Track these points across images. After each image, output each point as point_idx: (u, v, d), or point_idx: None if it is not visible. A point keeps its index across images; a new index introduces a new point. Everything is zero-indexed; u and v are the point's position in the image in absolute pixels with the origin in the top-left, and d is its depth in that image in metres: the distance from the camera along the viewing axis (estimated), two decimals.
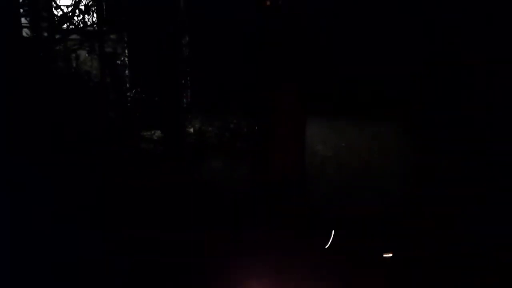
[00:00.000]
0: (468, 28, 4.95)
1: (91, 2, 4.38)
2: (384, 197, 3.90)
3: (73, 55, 4.73)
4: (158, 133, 4.89)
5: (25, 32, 4.30)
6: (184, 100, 5.39)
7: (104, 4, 4.64)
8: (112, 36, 4.99)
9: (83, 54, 4.97)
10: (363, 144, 5.33)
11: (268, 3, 3.18)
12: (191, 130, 5.09)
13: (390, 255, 2.99)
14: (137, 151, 4.31)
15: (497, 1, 4.76)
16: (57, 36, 4.34)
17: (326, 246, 3.08)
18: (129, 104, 4.99)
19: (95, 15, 4.54)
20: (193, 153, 4.54)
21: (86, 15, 4.31)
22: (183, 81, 4.92)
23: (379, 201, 3.77)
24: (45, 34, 4.20)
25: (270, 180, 3.37)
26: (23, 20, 4.19)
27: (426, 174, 4.36)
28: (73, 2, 4.24)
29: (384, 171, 4.55)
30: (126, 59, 5.49)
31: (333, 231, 3.11)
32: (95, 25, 4.68)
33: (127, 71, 5.60)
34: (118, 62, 5.16)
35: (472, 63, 4.94)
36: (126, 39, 5.30)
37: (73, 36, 4.57)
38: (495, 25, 4.81)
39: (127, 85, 5.05)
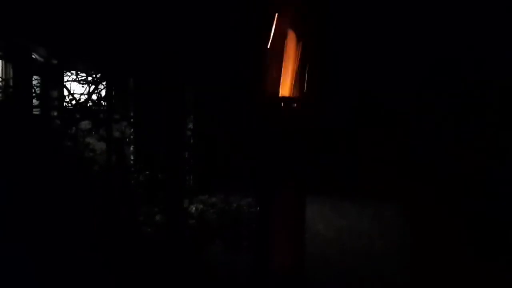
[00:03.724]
0: None
1: (102, 91, 4.65)
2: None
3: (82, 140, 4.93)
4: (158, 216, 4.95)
5: None
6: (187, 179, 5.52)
7: (113, 92, 4.91)
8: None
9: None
10: (364, 225, 5.38)
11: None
12: (193, 209, 5.17)
13: None
14: (138, 237, 4.36)
15: None
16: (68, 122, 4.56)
17: None
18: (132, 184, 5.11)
19: (105, 102, 4.79)
20: (195, 237, 4.58)
21: (98, 106, 4.56)
22: (186, 166, 5.08)
23: None
24: (57, 122, 4.41)
25: (269, 271, 3.40)
26: None
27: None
28: (86, 92, 4.50)
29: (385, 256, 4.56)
30: (132, 139, 5.70)
31: None
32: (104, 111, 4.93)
33: (132, 148, 5.80)
34: (125, 141, 5.37)
35: None
36: (132, 120, 5.54)
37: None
38: None
39: (131, 168, 5.19)
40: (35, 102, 4.61)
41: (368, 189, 5.76)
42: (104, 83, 4.63)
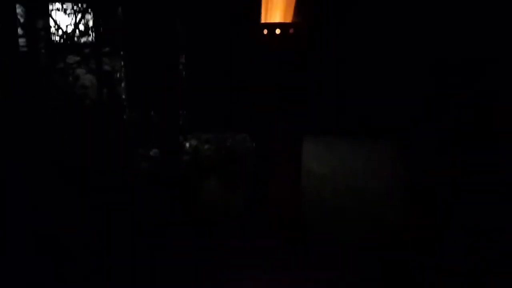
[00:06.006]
0: None
1: (90, 23, 4.42)
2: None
3: (71, 71, 4.76)
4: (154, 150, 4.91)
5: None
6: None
7: (102, 23, 4.67)
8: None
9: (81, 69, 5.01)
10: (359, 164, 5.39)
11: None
12: (187, 145, 5.13)
13: None
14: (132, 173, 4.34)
15: None
16: (56, 56, 4.37)
17: None
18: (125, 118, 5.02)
19: (93, 34, 4.58)
20: (189, 172, 4.58)
21: (85, 36, 4.34)
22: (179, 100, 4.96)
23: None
24: (44, 52, 4.22)
25: (266, 211, 3.41)
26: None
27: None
28: (73, 23, 4.27)
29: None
30: (123, 74, 5.52)
31: None
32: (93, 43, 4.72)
33: (123, 84, 5.64)
34: (116, 77, 5.20)
35: None
36: (122, 53, 5.33)
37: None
38: None
39: (124, 102, 5.07)
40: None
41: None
42: (91, 12, 4.38)
